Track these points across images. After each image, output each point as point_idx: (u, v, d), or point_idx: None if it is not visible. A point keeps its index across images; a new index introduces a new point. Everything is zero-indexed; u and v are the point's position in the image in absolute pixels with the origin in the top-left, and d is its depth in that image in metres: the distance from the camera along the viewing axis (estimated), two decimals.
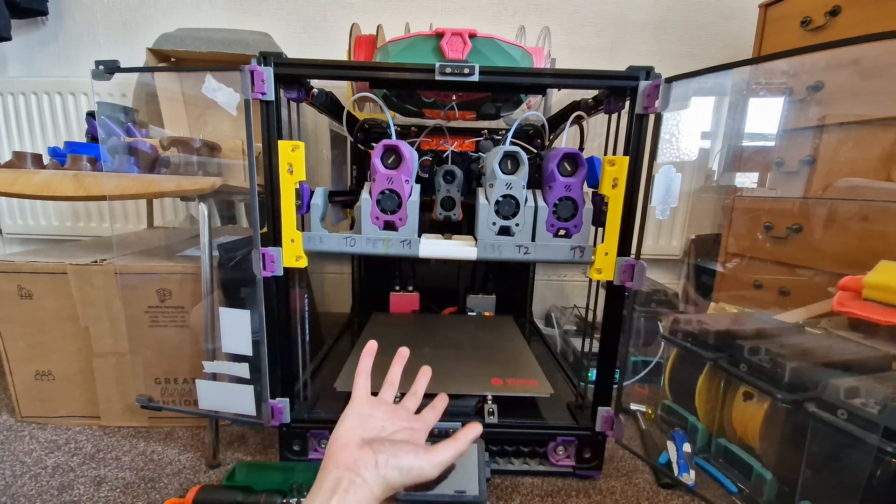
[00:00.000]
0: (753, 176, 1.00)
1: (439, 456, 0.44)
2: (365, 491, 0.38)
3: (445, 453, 0.44)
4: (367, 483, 0.39)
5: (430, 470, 0.42)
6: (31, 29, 1.26)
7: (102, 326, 0.76)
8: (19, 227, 1.34)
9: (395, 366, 0.54)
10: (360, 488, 0.38)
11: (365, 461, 0.40)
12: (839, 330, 0.70)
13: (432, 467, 0.43)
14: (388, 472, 0.40)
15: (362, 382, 0.50)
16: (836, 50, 0.45)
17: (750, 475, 0.64)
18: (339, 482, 0.38)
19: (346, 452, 0.41)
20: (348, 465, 0.40)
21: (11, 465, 0.70)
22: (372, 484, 0.39)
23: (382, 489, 0.40)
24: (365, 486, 0.38)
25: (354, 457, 0.40)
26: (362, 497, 0.38)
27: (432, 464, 0.43)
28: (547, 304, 1.35)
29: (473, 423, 0.49)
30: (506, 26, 1.22)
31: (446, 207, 0.70)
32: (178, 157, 0.79)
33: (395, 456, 0.41)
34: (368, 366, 0.52)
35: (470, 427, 0.48)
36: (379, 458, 0.40)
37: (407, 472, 0.41)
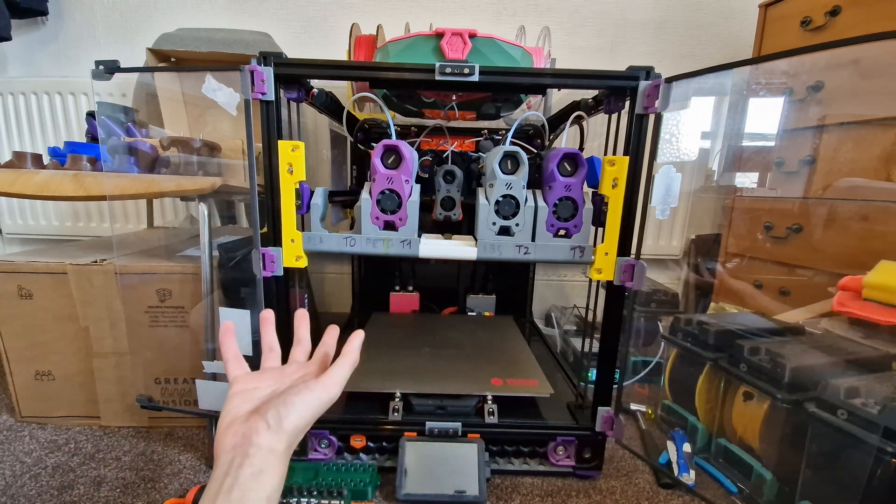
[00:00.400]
0: (753, 176, 1.00)
1: (333, 375, 0.42)
2: (260, 455, 0.35)
3: (339, 369, 0.43)
4: (262, 447, 0.36)
5: (331, 391, 0.41)
6: (31, 29, 1.26)
7: (102, 326, 0.76)
8: (19, 227, 1.34)
9: (264, 332, 0.49)
10: (255, 457, 0.35)
11: (255, 428, 0.37)
12: (839, 330, 0.70)
13: (330, 388, 0.41)
14: (286, 421, 0.37)
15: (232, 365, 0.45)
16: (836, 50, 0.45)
17: (750, 475, 0.64)
18: (231, 463, 0.35)
19: (230, 433, 0.37)
20: (236, 443, 0.36)
21: (11, 465, 0.70)
22: (271, 444, 0.36)
23: (285, 442, 0.37)
24: (260, 451, 0.35)
25: (241, 431, 0.37)
26: (259, 463, 0.35)
27: (328, 385, 0.41)
28: (547, 304, 1.35)
29: (356, 332, 0.47)
30: (506, 26, 1.22)
31: (446, 207, 0.70)
32: (178, 157, 0.79)
33: (284, 404, 0.38)
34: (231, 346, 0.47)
35: (354, 335, 0.47)
36: (269, 415, 0.37)
37: (306, 406, 0.39)
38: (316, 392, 0.40)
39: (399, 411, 0.69)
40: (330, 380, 0.41)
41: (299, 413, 0.38)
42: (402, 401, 0.69)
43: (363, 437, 0.69)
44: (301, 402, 0.39)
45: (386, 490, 0.66)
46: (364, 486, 0.62)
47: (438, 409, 0.70)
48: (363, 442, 0.69)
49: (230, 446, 0.36)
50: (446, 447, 0.65)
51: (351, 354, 0.45)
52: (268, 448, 0.36)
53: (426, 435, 0.67)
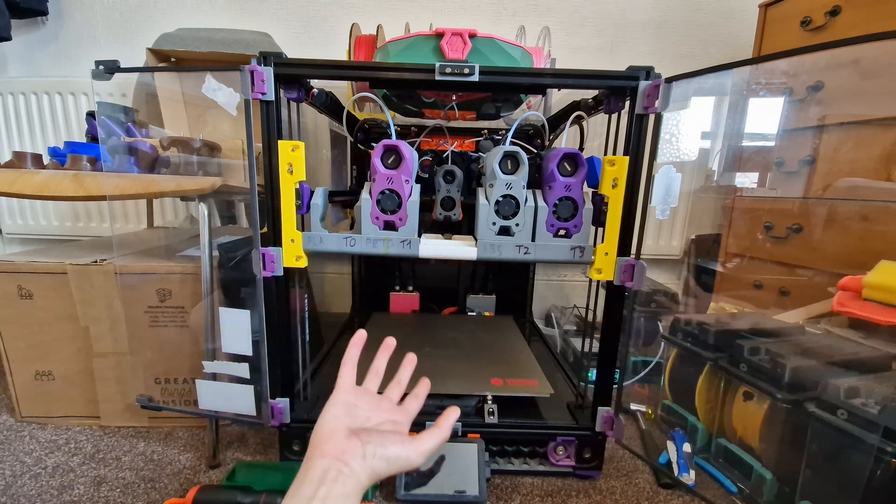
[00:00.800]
0: (753, 176, 1.00)
1: (424, 444, 0.44)
2: (352, 481, 0.38)
3: (430, 441, 0.45)
4: (355, 473, 0.39)
5: (416, 459, 0.43)
6: (31, 29, 1.26)
7: (102, 326, 0.76)
8: (19, 227, 1.34)
9: (380, 356, 0.54)
10: (348, 479, 0.38)
11: (353, 451, 0.40)
12: (839, 330, 0.70)
13: (418, 456, 0.43)
14: (376, 462, 0.40)
15: (348, 371, 0.50)
16: (836, 50, 0.45)
17: (750, 475, 0.64)
18: (327, 472, 0.38)
19: (332, 442, 0.41)
20: (335, 454, 0.40)
21: (11, 465, 0.70)
22: (360, 474, 0.39)
23: (369, 478, 0.40)
24: (353, 476, 0.38)
25: (342, 447, 0.40)
26: (349, 487, 0.38)
27: (418, 452, 0.43)
28: (547, 304, 1.35)
29: (451, 408, 0.50)
30: (506, 26, 1.22)
31: (446, 207, 0.70)
32: (178, 157, 0.79)
33: (382, 446, 0.41)
34: (355, 356, 0.52)
35: (449, 412, 0.49)
36: (367, 448, 0.41)
37: (394, 461, 0.41)
38: (408, 453, 0.43)
39: None
40: (421, 447, 0.44)
41: (388, 462, 0.41)
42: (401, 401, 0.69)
43: None
44: (394, 454, 0.42)
45: (386, 490, 0.66)
46: None
47: (438, 409, 0.69)
48: None
49: (330, 454, 0.40)
50: (446, 447, 0.65)
51: (445, 430, 0.47)
52: (356, 477, 0.39)
53: None
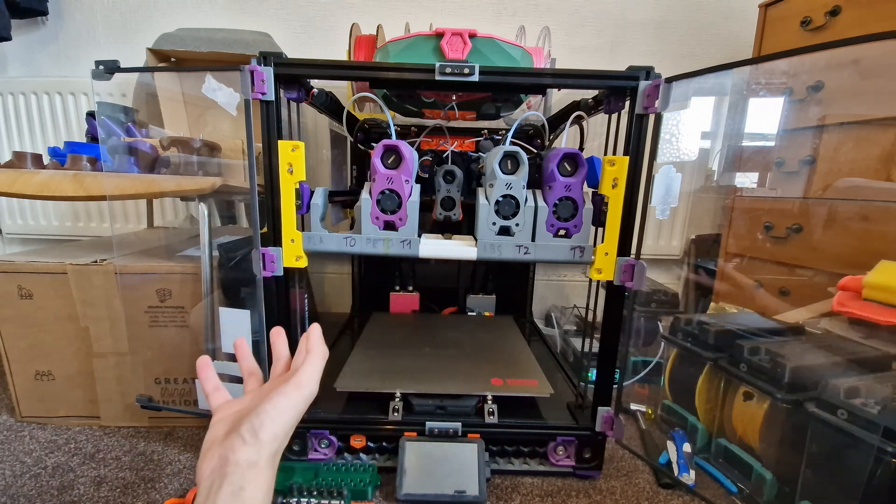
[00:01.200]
0: (753, 176, 1.00)
1: (303, 373, 0.40)
2: (240, 473, 0.34)
3: (307, 367, 0.41)
4: (241, 464, 0.35)
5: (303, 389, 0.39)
6: (31, 29, 1.26)
7: (102, 326, 0.76)
8: (19, 227, 1.34)
9: (242, 358, 0.48)
10: (234, 475, 0.34)
11: (231, 447, 0.36)
12: (839, 330, 0.70)
13: (302, 386, 0.39)
14: (262, 431, 0.36)
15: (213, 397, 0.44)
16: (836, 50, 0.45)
17: (750, 475, 0.64)
18: (210, 489, 0.34)
19: (207, 458, 0.36)
20: (213, 467, 0.35)
21: (11, 465, 0.70)
22: (249, 459, 0.35)
23: (267, 451, 0.36)
24: (238, 468, 0.34)
25: (218, 454, 0.36)
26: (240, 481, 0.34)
27: (300, 383, 0.39)
28: (547, 304, 1.35)
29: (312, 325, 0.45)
30: (506, 26, 1.22)
31: (446, 207, 0.70)
32: (178, 157, 0.79)
33: (257, 414, 0.37)
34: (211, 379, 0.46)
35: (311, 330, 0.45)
36: (243, 429, 0.36)
37: (280, 413, 0.37)
38: (289, 394, 0.38)
39: (399, 411, 0.69)
40: (302, 377, 0.40)
41: (274, 420, 0.37)
42: (402, 401, 0.69)
43: (363, 437, 0.69)
44: (274, 407, 0.37)
45: (386, 490, 0.66)
46: (364, 486, 0.62)
47: (438, 409, 0.70)
48: (363, 442, 0.69)
49: (208, 471, 0.35)
50: (446, 447, 0.65)
51: (316, 348, 0.43)
52: (246, 463, 0.35)
53: (426, 435, 0.67)
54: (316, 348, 0.43)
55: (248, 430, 0.36)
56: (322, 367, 0.42)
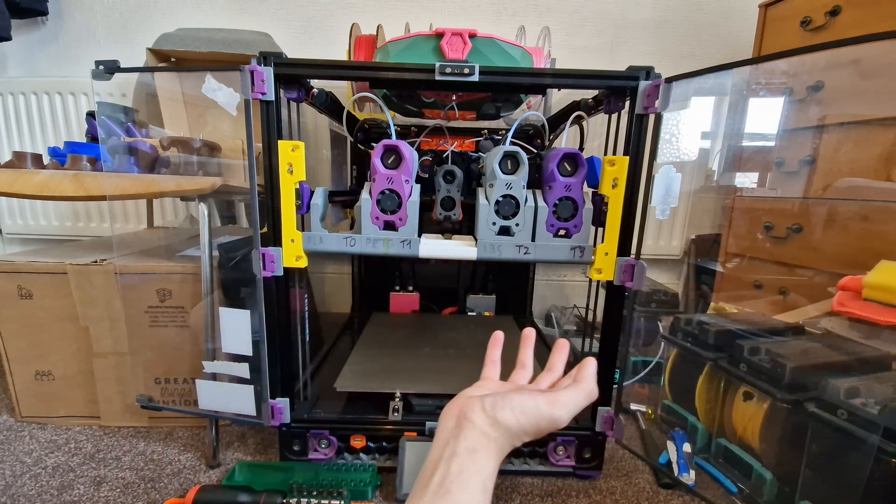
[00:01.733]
0: (753, 176, 1.00)
1: (561, 396, 0.38)
2: (475, 435, 0.35)
3: (568, 392, 0.39)
4: (476, 426, 0.36)
5: (553, 409, 0.37)
6: (31, 29, 1.26)
7: (102, 326, 0.76)
8: (19, 227, 1.34)
9: (523, 348, 0.49)
10: (470, 432, 0.35)
11: (471, 406, 0.37)
12: (839, 330, 0.70)
13: (553, 406, 0.37)
14: (499, 412, 0.36)
15: (489, 367, 0.47)
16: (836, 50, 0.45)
17: (750, 475, 0.64)
18: (451, 431, 0.36)
19: (455, 406, 0.39)
20: (454, 414, 0.37)
21: (11, 465, 0.70)
22: (483, 426, 0.36)
23: (500, 432, 0.36)
24: (474, 429, 0.35)
25: (460, 405, 0.38)
26: (475, 442, 0.35)
27: (553, 402, 0.37)
28: (547, 304, 1.35)
29: (588, 359, 0.43)
30: (506, 26, 1.22)
31: (446, 207, 0.70)
32: (178, 157, 0.79)
33: (502, 398, 0.37)
34: (494, 354, 0.48)
35: (586, 362, 0.43)
36: (485, 401, 0.37)
37: (521, 411, 0.37)
38: (538, 402, 0.37)
39: (399, 411, 0.69)
40: (558, 398, 0.38)
41: (513, 411, 0.37)
42: (402, 401, 0.69)
43: (363, 437, 0.68)
44: (519, 401, 0.37)
45: (386, 490, 0.66)
46: (364, 486, 0.62)
47: (438, 409, 0.69)
48: (363, 442, 0.69)
49: (451, 415, 0.38)
50: None
51: (587, 382, 0.41)
52: (480, 429, 0.36)
53: (426, 435, 0.67)
54: (587, 382, 0.41)
55: (490, 402, 0.37)
56: (583, 403, 0.40)
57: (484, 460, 0.34)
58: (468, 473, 0.33)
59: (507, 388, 0.43)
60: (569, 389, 0.40)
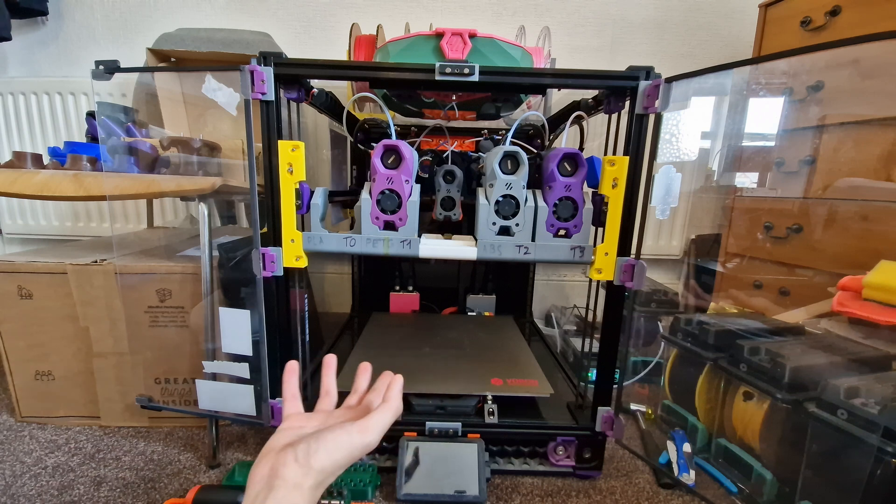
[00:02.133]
0: (753, 176, 1.00)
1: (370, 421, 0.40)
2: (285, 490, 0.35)
3: (377, 416, 0.41)
4: (288, 481, 0.36)
5: (364, 437, 0.39)
6: (31, 29, 1.26)
7: (102, 326, 0.76)
8: (19, 227, 1.34)
9: (325, 376, 0.49)
10: (279, 490, 0.35)
11: (282, 461, 0.37)
12: (839, 330, 0.70)
13: (365, 433, 0.39)
14: (314, 458, 0.37)
15: (288, 404, 0.46)
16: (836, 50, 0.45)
17: (750, 475, 0.64)
18: (256, 497, 0.35)
19: (262, 463, 0.38)
20: (264, 475, 0.37)
21: (11, 465, 0.70)
22: (295, 479, 0.36)
23: (314, 478, 0.36)
24: (285, 485, 0.35)
25: (270, 463, 0.37)
26: (283, 498, 0.35)
27: (364, 430, 0.39)
28: (547, 304, 1.35)
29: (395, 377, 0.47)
30: (506, 26, 1.22)
31: (446, 207, 0.70)
32: (178, 157, 0.79)
33: (315, 441, 0.38)
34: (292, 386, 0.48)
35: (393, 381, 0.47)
36: (299, 448, 0.37)
37: (336, 448, 0.38)
38: (352, 434, 0.39)
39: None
40: (368, 424, 0.40)
41: (329, 452, 0.37)
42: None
43: None
44: (333, 440, 0.38)
45: (386, 490, 0.66)
46: (364, 486, 0.62)
47: (438, 409, 0.70)
48: None
49: (258, 477, 0.37)
50: (446, 447, 0.65)
51: (393, 401, 0.44)
52: (293, 483, 0.36)
53: (426, 435, 0.67)
54: (392, 401, 0.44)
55: (302, 450, 0.37)
56: (391, 422, 0.42)
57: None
58: None
59: (316, 423, 0.43)
60: (378, 412, 0.42)
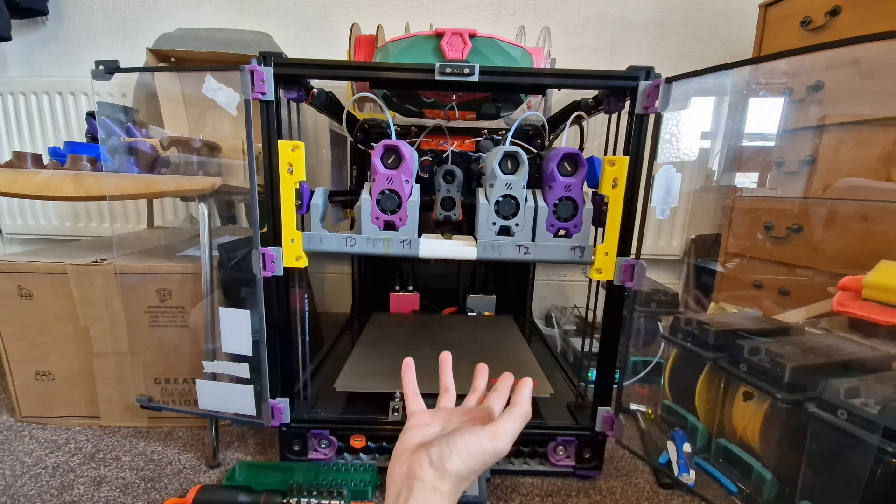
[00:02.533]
0: (753, 176, 1.00)
1: (500, 425, 0.40)
2: (426, 493, 0.36)
3: (506, 420, 0.40)
4: (427, 483, 0.36)
5: (496, 443, 0.39)
6: (31, 29, 1.26)
7: (102, 326, 0.76)
8: (19, 227, 1.34)
9: (443, 373, 0.50)
10: (420, 492, 0.36)
11: (419, 462, 0.38)
12: (839, 330, 0.70)
13: (496, 440, 0.39)
14: (448, 462, 0.37)
15: (411, 400, 0.48)
16: (836, 50, 0.45)
17: (750, 475, 0.64)
18: (399, 495, 0.37)
19: (399, 463, 0.39)
20: (403, 474, 0.38)
21: (11, 465, 0.70)
22: (433, 482, 0.37)
23: (450, 483, 0.37)
24: (424, 487, 0.36)
25: (408, 464, 0.39)
26: (426, 499, 0.36)
27: (494, 436, 0.39)
28: (547, 304, 1.35)
29: (524, 379, 0.45)
30: (506, 26, 1.22)
31: (446, 207, 0.70)
32: (178, 157, 0.79)
33: (448, 444, 0.38)
34: (411, 382, 0.49)
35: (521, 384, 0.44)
36: (432, 451, 0.38)
37: (469, 454, 0.38)
38: (482, 439, 0.39)
39: (399, 411, 0.69)
40: (499, 430, 0.39)
41: (462, 458, 0.38)
42: (402, 401, 0.69)
43: (363, 437, 0.69)
44: (465, 445, 0.38)
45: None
46: (364, 486, 0.62)
47: None
48: (363, 442, 0.69)
49: (398, 476, 0.38)
50: None
51: (522, 406, 0.42)
52: (431, 486, 0.36)
53: None
54: (522, 406, 0.42)
55: (436, 454, 0.38)
56: (521, 427, 0.41)
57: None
58: None
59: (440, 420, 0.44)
60: (507, 417, 0.41)
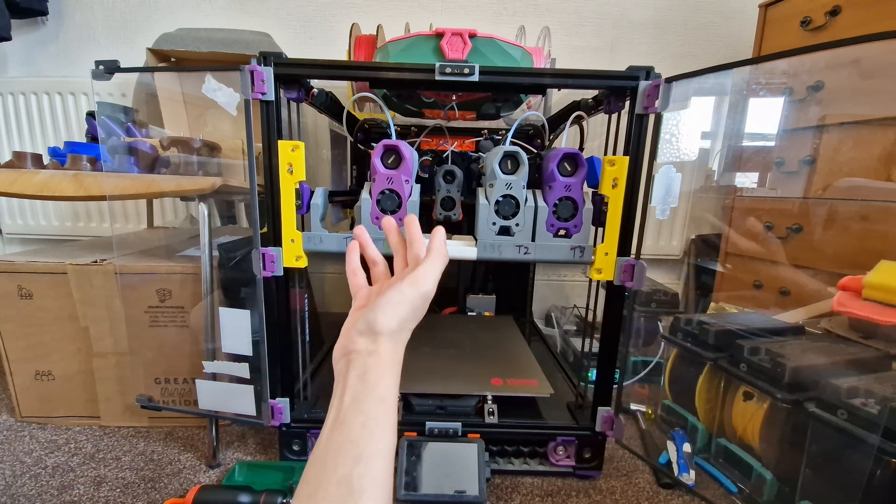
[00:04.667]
0: (753, 176, 1.00)
1: (419, 271, 0.41)
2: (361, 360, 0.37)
3: (424, 266, 0.42)
4: (361, 352, 0.38)
5: (418, 288, 0.40)
6: (31, 29, 1.26)
7: (102, 326, 0.76)
8: (19, 227, 1.34)
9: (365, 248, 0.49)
10: (356, 362, 0.37)
11: (349, 338, 0.39)
12: (839, 330, 0.70)
13: (417, 285, 0.40)
14: (376, 323, 0.38)
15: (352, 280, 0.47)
16: (836, 50, 0.45)
17: (750, 475, 0.64)
18: (339, 373, 0.38)
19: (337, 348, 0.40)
20: (340, 355, 0.39)
21: (11, 465, 0.70)
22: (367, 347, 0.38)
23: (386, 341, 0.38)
24: (359, 356, 0.38)
25: (342, 344, 0.40)
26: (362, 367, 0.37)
27: (415, 282, 0.40)
28: (547, 304, 1.35)
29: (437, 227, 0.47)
30: (506, 26, 1.22)
31: (446, 207, 0.70)
32: (178, 157, 0.79)
33: (371, 309, 0.39)
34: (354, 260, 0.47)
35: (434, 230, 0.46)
36: (359, 323, 0.39)
37: (393, 308, 0.39)
38: (403, 289, 0.40)
39: (399, 411, 0.69)
40: (418, 276, 0.41)
41: (387, 313, 0.39)
42: (401, 401, 0.69)
43: None
44: (387, 301, 0.39)
45: None
46: None
47: (438, 409, 0.70)
48: None
49: (337, 358, 0.39)
50: (446, 447, 0.65)
51: (437, 248, 0.43)
52: (365, 351, 0.38)
53: (426, 435, 0.67)
54: (438, 249, 0.44)
55: (363, 323, 0.39)
56: (441, 269, 0.43)
57: (375, 376, 0.37)
58: (361, 397, 0.35)
59: (374, 291, 0.45)
60: (424, 263, 0.42)
